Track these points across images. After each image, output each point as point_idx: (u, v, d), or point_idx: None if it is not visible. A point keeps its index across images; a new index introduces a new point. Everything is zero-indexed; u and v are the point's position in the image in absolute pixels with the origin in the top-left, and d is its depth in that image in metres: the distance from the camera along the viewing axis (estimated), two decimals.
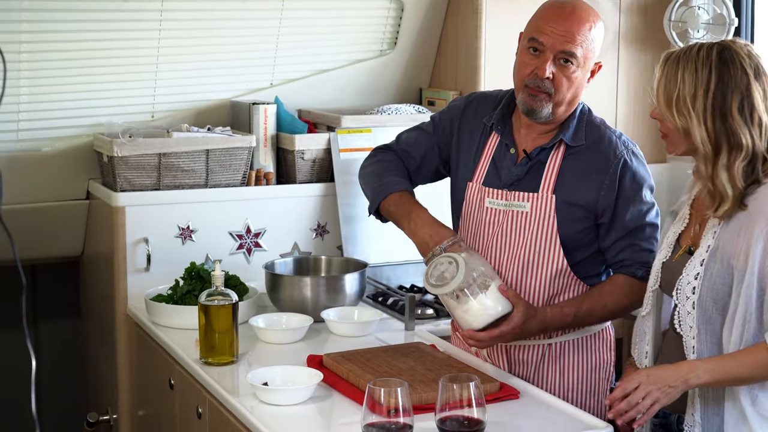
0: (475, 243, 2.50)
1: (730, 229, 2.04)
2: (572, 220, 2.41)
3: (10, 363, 3.47)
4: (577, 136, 2.45)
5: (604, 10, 3.62)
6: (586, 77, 2.43)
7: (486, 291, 2.28)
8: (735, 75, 2.01)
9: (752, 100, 2.01)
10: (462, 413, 1.93)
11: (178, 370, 2.67)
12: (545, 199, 2.42)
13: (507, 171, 2.47)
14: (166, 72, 3.36)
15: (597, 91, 3.54)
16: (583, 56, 2.38)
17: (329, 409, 2.26)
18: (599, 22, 2.42)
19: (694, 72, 2.02)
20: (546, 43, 2.36)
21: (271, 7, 3.41)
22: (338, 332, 2.77)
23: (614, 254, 2.45)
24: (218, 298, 2.52)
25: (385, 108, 3.49)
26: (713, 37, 3.50)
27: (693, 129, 2.02)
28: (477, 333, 2.30)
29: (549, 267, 2.43)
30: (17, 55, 3.14)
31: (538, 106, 2.40)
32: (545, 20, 2.38)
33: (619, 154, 2.42)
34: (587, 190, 2.41)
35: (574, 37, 2.36)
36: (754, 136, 2.01)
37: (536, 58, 2.38)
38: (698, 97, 2.01)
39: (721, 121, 2.01)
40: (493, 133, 2.53)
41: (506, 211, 2.45)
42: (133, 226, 3.13)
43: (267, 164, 3.35)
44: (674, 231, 2.22)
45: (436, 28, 3.70)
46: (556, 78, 2.37)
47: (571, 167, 2.43)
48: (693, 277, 2.07)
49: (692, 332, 2.08)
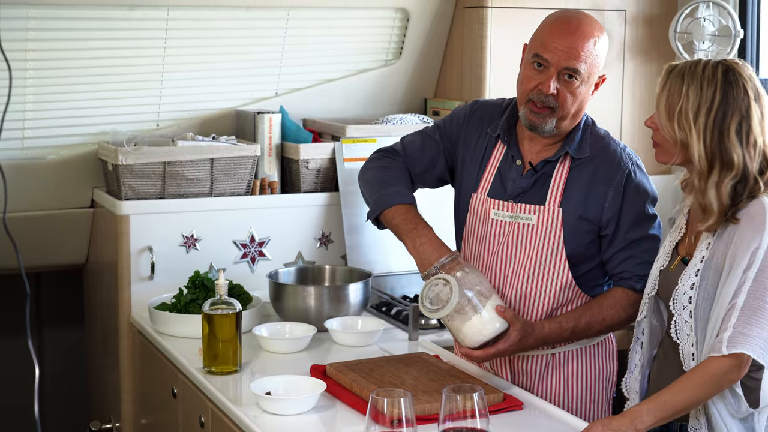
0: (480, 254, 2.50)
1: (724, 241, 2.09)
2: (579, 234, 2.42)
3: (14, 370, 3.47)
4: (582, 149, 2.45)
5: (609, 22, 3.63)
6: (590, 91, 2.43)
7: (481, 312, 2.28)
8: (737, 96, 2.08)
9: (750, 122, 2.08)
10: (465, 424, 1.92)
11: (181, 379, 2.67)
12: (552, 212, 2.42)
13: (513, 183, 2.47)
14: (172, 81, 3.37)
15: (602, 102, 3.55)
16: (588, 71, 2.38)
17: (332, 419, 2.26)
18: (604, 35, 2.41)
19: (699, 89, 2.08)
20: (550, 59, 2.36)
21: (277, 16, 3.42)
22: (342, 342, 2.77)
23: (614, 265, 2.45)
24: (222, 307, 2.52)
25: (390, 118, 3.49)
26: (719, 49, 3.50)
27: (692, 144, 2.08)
28: (473, 351, 2.31)
29: (554, 280, 2.43)
30: (23, 63, 3.14)
31: (541, 122, 2.40)
32: (550, 35, 2.37)
33: (624, 166, 2.43)
34: (593, 203, 2.42)
35: (579, 54, 2.35)
36: (746, 157, 2.07)
37: (540, 74, 2.38)
38: (701, 114, 2.07)
39: (719, 139, 2.07)
40: (498, 144, 2.52)
41: (512, 223, 2.45)
42: (137, 234, 3.13)
43: (271, 173, 3.35)
44: (671, 240, 2.27)
45: (442, 39, 3.70)
46: (561, 93, 2.37)
47: (577, 179, 2.43)
48: (689, 287, 2.12)
49: (690, 340, 2.12)
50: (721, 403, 2.10)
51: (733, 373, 2.03)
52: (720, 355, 2.01)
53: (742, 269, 2.04)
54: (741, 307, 2.02)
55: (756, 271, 2.03)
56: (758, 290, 2.02)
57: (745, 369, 2.04)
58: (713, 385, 2.03)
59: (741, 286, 2.03)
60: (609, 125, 3.28)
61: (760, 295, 2.02)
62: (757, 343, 2.00)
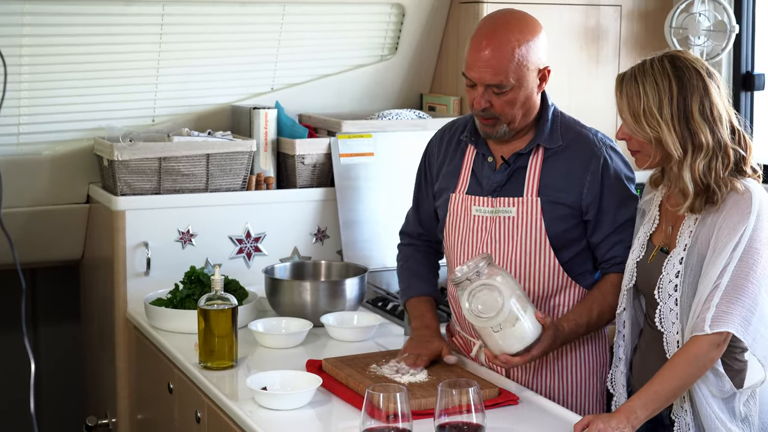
0: (464, 251, 2.51)
1: (707, 227, 2.14)
2: (558, 219, 2.44)
3: (10, 366, 3.47)
4: (553, 138, 2.47)
5: (605, 17, 3.63)
6: (532, 89, 2.41)
7: (524, 318, 2.24)
8: (691, 79, 2.13)
9: (710, 98, 2.13)
10: (461, 419, 1.92)
11: (177, 375, 2.67)
12: (530, 202, 2.44)
13: (487, 179, 2.49)
14: (167, 76, 3.37)
15: (597, 98, 3.55)
16: (516, 78, 2.37)
17: (328, 414, 2.26)
18: (530, 35, 2.38)
19: (654, 84, 2.13)
20: (474, 78, 2.38)
21: (272, 11, 3.41)
22: (338, 337, 2.77)
23: (605, 251, 2.46)
24: (218, 303, 2.52)
25: (385, 113, 3.49)
26: (714, 44, 3.51)
27: (665, 137, 2.12)
28: (511, 358, 2.26)
29: (541, 268, 2.45)
30: (18, 58, 3.14)
31: (491, 130, 2.44)
32: (470, 54, 2.39)
33: (599, 152, 2.45)
34: (570, 190, 2.44)
35: (497, 69, 2.35)
36: (716, 132, 2.12)
37: (473, 90, 2.41)
38: (664, 106, 2.12)
39: (686, 124, 2.12)
40: (468, 147, 2.55)
41: (493, 218, 2.47)
42: (133, 230, 3.13)
43: (267, 169, 3.35)
44: (645, 231, 2.30)
45: (437, 34, 3.70)
46: (496, 105, 2.39)
47: (552, 168, 2.45)
48: (674, 275, 2.17)
49: (674, 328, 2.17)
50: (703, 384, 2.13)
51: (712, 351, 2.07)
52: (703, 334, 2.05)
53: (729, 251, 2.07)
54: (725, 286, 2.06)
55: (741, 252, 2.07)
56: (742, 270, 2.07)
57: (724, 346, 2.08)
58: (698, 366, 2.07)
59: (726, 266, 2.07)
60: (604, 121, 3.28)
61: (745, 275, 2.06)
62: (738, 321, 2.05)
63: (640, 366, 2.31)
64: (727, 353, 2.13)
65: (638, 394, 2.09)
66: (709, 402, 2.13)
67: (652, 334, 2.25)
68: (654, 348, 2.23)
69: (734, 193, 2.12)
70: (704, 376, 2.11)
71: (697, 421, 2.16)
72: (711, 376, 2.13)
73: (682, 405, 2.17)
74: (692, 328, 2.08)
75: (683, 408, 2.17)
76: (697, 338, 2.06)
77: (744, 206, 2.10)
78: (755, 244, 2.08)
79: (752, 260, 2.07)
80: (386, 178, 3.38)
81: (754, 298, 2.07)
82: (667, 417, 2.21)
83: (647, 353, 2.29)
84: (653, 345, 2.24)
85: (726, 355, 2.13)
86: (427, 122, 3.47)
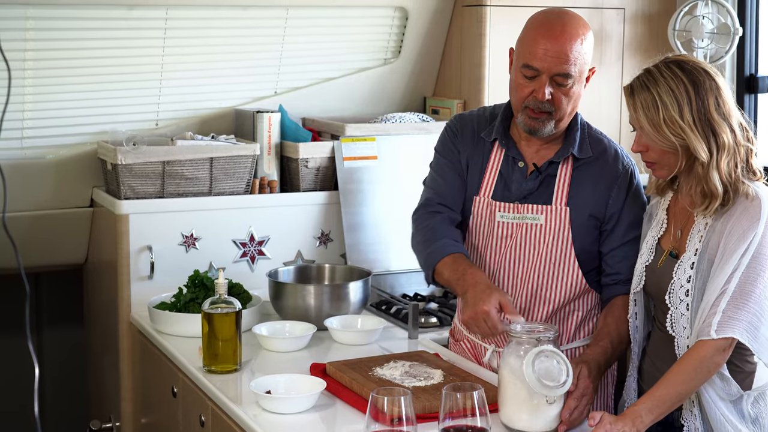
0: (487, 257, 2.51)
1: (717, 232, 2.13)
2: (586, 231, 2.45)
3: (14, 370, 3.47)
4: (584, 149, 2.48)
5: (608, 20, 3.63)
6: (583, 86, 2.44)
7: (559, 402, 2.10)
8: (702, 79, 2.13)
9: (722, 96, 2.14)
10: (466, 422, 1.92)
11: (181, 378, 2.67)
12: (559, 211, 2.44)
13: (518, 184, 2.48)
14: (171, 80, 3.37)
15: (601, 101, 3.56)
16: (579, 71, 2.38)
17: (332, 418, 2.26)
18: (588, 31, 2.42)
19: (669, 91, 2.12)
20: (540, 67, 2.36)
21: (276, 15, 3.42)
22: (341, 340, 2.77)
23: (613, 263, 2.46)
24: (221, 306, 2.52)
25: (389, 116, 3.49)
26: (718, 47, 3.50)
27: (691, 142, 2.11)
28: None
29: (564, 276, 2.46)
30: (22, 63, 3.14)
31: (540, 126, 2.42)
32: (536, 43, 2.37)
33: (627, 166, 2.48)
34: (597, 202, 2.45)
35: (568, 57, 2.35)
36: (733, 129, 2.12)
37: (533, 81, 2.38)
38: (684, 111, 2.11)
39: (708, 124, 2.11)
40: (495, 148, 2.53)
41: (519, 224, 2.47)
42: (136, 233, 3.13)
43: (271, 172, 3.35)
44: (653, 235, 2.30)
45: (441, 37, 3.70)
46: (555, 97, 2.39)
47: (582, 179, 2.46)
48: (686, 280, 2.16)
49: (686, 332, 2.16)
50: (710, 387, 2.13)
51: (717, 356, 2.06)
52: (709, 339, 2.05)
53: (738, 257, 2.07)
54: (732, 292, 2.06)
55: (750, 258, 2.07)
56: (750, 276, 2.07)
57: (729, 351, 2.08)
58: (703, 370, 2.07)
59: (734, 272, 2.07)
60: (608, 124, 3.29)
61: (752, 281, 2.06)
62: (744, 327, 2.05)
63: (649, 369, 2.31)
64: (738, 356, 2.13)
65: (644, 398, 2.09)
66: (718, 405, 2.13)
67: (661, 337, 2.25)
68: (663, 351, 2.23)
69: (744, 199, 2.12)
70: (710, 380, 2.11)
71: (706, 424, 2.16)
72: (717, 380, 2.13)
73: (691, 409, 2.17)
74: (698, 333, 2.08)
75: (692, 412, 2.17)
76: (702, 343, 2.06)
77: (753, 212, 2.10)
78: (764, 251, 2.08)
79: (760, 266, 2.07)
80: (390, 182, 3.38)
81: (760, 303, 2.06)
82: (677, 420, 2.21)
83: (656, 356, 2.29)
84: (662, 348, 2.24)
85: (737, 358, 2.13)
86: (430, 125, 3.47)
